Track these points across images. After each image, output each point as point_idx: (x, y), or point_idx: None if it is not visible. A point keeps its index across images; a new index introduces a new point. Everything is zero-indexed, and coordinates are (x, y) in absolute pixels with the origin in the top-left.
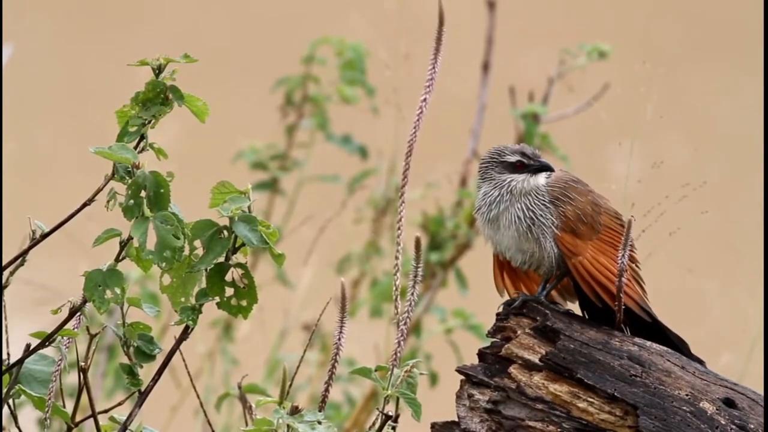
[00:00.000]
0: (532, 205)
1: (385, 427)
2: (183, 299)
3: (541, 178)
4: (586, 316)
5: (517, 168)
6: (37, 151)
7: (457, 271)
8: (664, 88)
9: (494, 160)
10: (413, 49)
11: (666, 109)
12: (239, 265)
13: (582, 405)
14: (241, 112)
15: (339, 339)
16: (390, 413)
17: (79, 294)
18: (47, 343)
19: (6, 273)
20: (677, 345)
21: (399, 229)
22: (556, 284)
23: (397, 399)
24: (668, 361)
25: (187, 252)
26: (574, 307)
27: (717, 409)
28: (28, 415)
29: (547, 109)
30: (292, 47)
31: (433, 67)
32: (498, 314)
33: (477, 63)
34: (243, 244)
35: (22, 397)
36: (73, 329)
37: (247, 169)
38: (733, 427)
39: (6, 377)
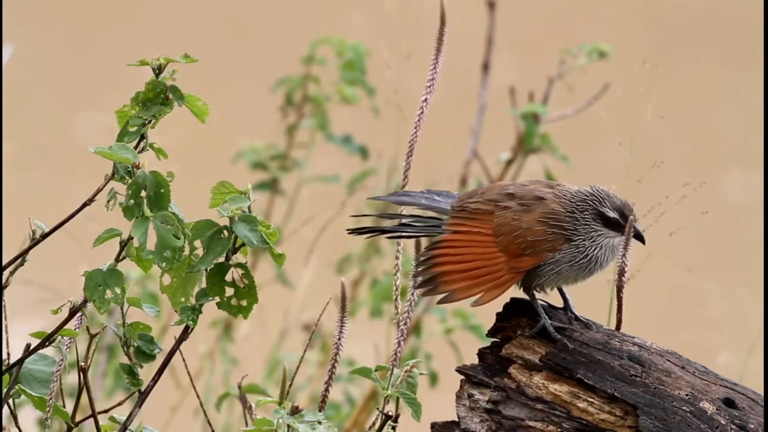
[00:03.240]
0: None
1: (385, 427)
2: (183, 299)
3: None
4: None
5: (611, 224)
6: (37, 151)
7: None
8: (664, 88)
9: (594, 206)
10: (414, 49)
11: (666, 109)
12: (239, 265)
13: (582, 405)
14: (241, 112)
15: (339, 339)
16: (390, 413)
17: (79, 294)
18: (47, 343)
19: (6, 273)
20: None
21: None
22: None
23: (397, 399)
24: (668, 361)
25: (187, 252)
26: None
27: (717, 409)
28: (28, 415)
29: (547, 109)
30: (292, 47)
31: (434, 67)
32: (498, 314)
33: (477, 63)
34: (243, 244)
35: (22, 397)
36: (74, 329)
37: (247, 169)
38: (733, 427)
39: (6, 377)
